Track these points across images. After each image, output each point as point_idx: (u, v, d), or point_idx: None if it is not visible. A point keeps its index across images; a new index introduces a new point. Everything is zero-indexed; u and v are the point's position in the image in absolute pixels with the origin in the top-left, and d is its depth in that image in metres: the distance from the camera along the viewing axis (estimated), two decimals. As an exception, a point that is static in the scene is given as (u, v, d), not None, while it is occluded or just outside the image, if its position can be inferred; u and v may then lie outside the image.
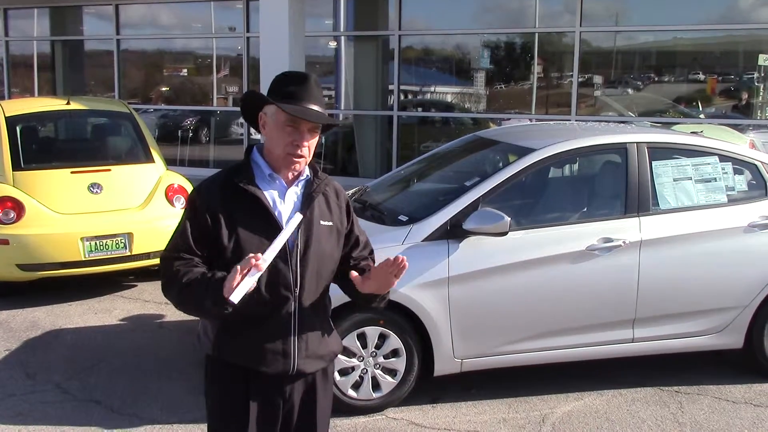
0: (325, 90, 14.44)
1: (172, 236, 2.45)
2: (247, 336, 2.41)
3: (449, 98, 13.79)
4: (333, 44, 13.95)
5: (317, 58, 14.47)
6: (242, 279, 2.19)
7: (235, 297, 2.19)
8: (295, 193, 2.47)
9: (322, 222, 2.47)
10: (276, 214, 2.41)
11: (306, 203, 2.44)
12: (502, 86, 13.28)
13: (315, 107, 2.39)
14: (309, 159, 2.46)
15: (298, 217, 2.36)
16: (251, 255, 2.20)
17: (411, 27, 12.87)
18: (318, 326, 2.51)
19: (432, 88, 13.77)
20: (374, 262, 2.65)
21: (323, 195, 2.52)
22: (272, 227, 2.37)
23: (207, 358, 2.55)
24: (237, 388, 2.47)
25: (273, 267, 2.34)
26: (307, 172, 2.50)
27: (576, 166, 5.72)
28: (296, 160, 2.41)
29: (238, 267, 2.19)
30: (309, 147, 2.42)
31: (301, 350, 2.45)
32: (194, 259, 2.38)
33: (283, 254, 2.37)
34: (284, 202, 2.44)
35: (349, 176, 12.49)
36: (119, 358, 5.31)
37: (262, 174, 2.45)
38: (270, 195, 2.43)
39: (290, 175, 2.46)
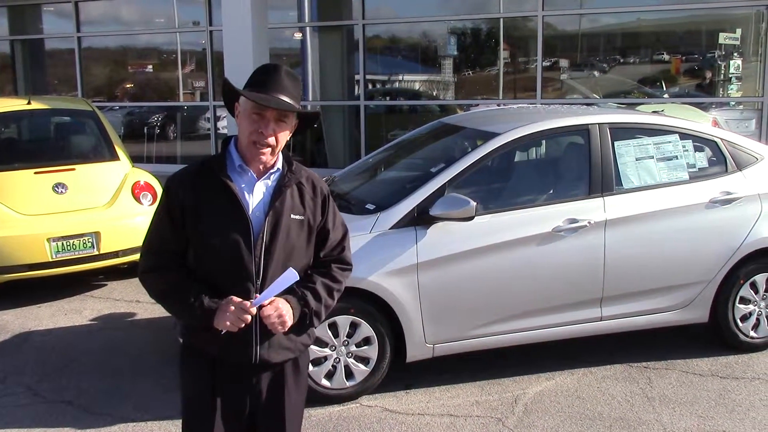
0: (293, 81, 14.35)
1: (149, 229, 2.52)
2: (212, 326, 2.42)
3: (417, 86, 13.80)
4: (298, 36, 13.87)
5: (283, 50, 14.39)
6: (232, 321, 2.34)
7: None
8: (265, 185, 2.47)
9: (292, 215, 2.47)
10: (244, 204, 2.41)
11: (275, 196, 2.44)
12: (469, 73, 13.30)
13: (282, 97, 2.39)
14: (278, 150, 2.45)
15: (293, 275, 2.38)
16: (247, 304, 2.33)
17: (376, 16, 12.85)
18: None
19: (399, 77, 13.77)
20: (347, 265, 2.65)
21: (298, 188, 2.51)
22: (240, 217, 2.40)
23: (181, 345, 2.60)
24: (206, 376, 2.49)
25: (236, 257, 2.38)
26: (279, 165, 2.49)
27: (540, 149, 5.77)
28: (261, 149, 2.40)
29: (231, 309, 2.33)
30: (277, 137, 2.41)
31: (264, 341, 2.45)
32: (172, 256, 2.45)
33: (247, 245, 2.39)
34: (253, 194, 2.45)
35: (318, 167, 12.46)
36: (90, 358, 5.27)
37: (233, 165, 2.46)
38: (239, 186, 2.43)
39: (261, 167, 2.45)
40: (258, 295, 2.39)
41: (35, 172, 6.63)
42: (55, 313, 6.27)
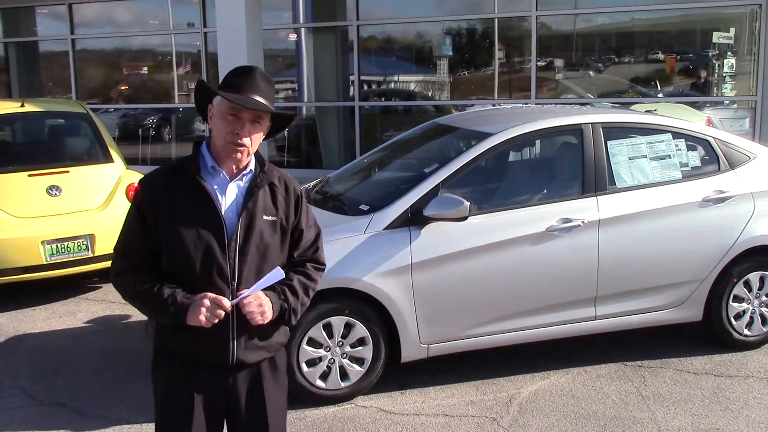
0: (288, 83, 14.39)
1: (122, 231, 2.50)
2: (186, 326, 2.40)
3: (412, 87, 13.81)
4: (293, 37, 13.88)
5: (279, 52, 14.39)
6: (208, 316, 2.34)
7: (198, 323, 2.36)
8: (237, 186, 2.47)
9: (264, 216, 2.47)
10: (218, 205, 2.42)
11: (248, 197, 2.45)
12: (465, 73, 13.31)
13: (257, 98, 2.40)
14: (252, 151, 2.45)
15: (279, 273, 2.41)
16: (222, 299, 2.33)
17: (370, 16, 12.86)
18: None
19: (394, 78, 13.78)
20: (321, 264, 2.67)
21: (270, 189, 2.51)
22: (214, 218, 2.41)
23: (153, 348, 2.58)
24: (181, 378, 2.48)
25: (210, 258, 2.39)
26: (252, 166, 2.49)
27: (534, 149, 5.78)
28: (237, 149, 2.40)
29: (206, 303, 2.32)
30: (251, 138, 2.42)
31: (240, 341, 2.46)
32: (145, 258, 2.43)
33: (221, 246, 2.40)
34: (225, 196, 2.45)
35: (314, 168, 12.48)
36: (85, 361, 5.27)
37: (205, 166, 2.46)
38: (212, 188, 2.43)
39: (233, 168, 2.46)
40: (240, 293, 2.39)
41: (29, 175, 6.61)
42: (49, 316, 6.27)
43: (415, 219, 4.50)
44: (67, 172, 6.76)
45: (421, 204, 4.51)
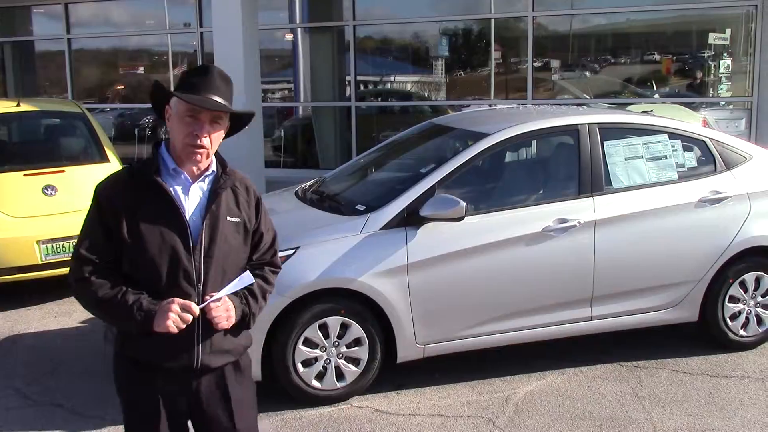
0: (284, 83, 14.37)
1: (80, 237, 2.42)
2: (150, 332, 2.36)
3: (408, 87, 13.80)
4: (289, 37, 13.86)
5: (275, 52, 14.37)
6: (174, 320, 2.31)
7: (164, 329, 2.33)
8: (200, 188, 2.45)
9: (228, 218, 2.46)
10: (181, 208, 2.39)
11: (212, 199, 2.43)
12: (461, 73, 13.31)
13: (215, 97, 2.37)
14: (212, 152, 2.43)
15: (249, 278, 2.42)
16: (191, 305, 2.32)
17: (367, 17, 12.85)
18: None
19: (391, 78, 13.77)
20: (277, 268, 2.69)
21: (232, 191, 2.50)
22: (178, 222, 2.37)
23: (114, 354, 2.54)
24: (145, 384, 2.46)
25: (175, 262, 2.36)
26: (214, 167, 2.47)
27: (530, 150, 5.78)
28: (196, 150, 2.37)
29: (174, 309, 2.29)
30: (211, 139, 2.39)
31: (205, 346, 2.44)
32: (106, 264, 2.37)
33: (186, 250, 2.37)
34: (188, 198, 2.42)
35: (310, 168, 12.47)
36: (80, 361, 5.25)
37: (166, 168, 2.42)
38: (174, 190, 2.40)
39: (195, 170, 2.43)
40: (208, 297, 2.38)
41: (24, 174, 6.60)
42: (44, 316, 6.25)
43: (411, 219, 4.49)
44: (63, 171, 6.74)
45: (417, 204, 4.50)
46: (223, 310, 2.39)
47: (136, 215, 2.35)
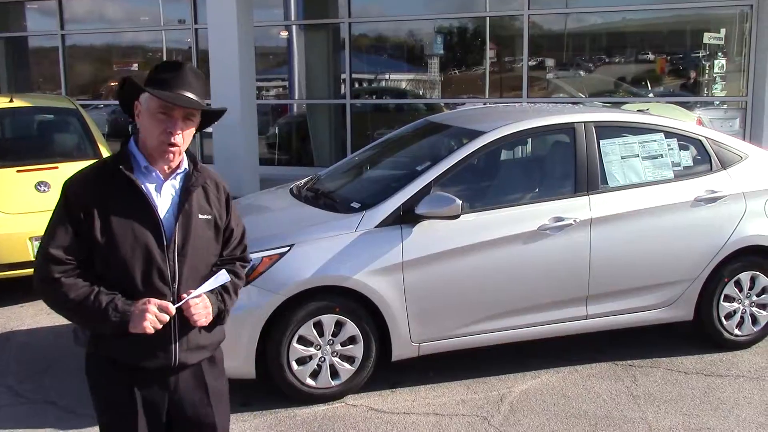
0: (279, 80, 14.34)
1: (46, 236, 2.34)
2: (126, 332, 2.34)
3: (403, 85, 13.79)
4: (284, 34, 13.83)
5: (270, 49, 14.34)
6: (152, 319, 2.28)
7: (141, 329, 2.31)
8: (172, 186, 2.42)
9: (200, 216, 2.44)
10: (154, 206, 2.36)
11: (184, 197, 2.41)
12: (456, 72, 13.31)
13: (188, 94, 2.34)
14: (184, 149, 2.40)
15: (225, 276, 2.42)
16: (168, 305, 2.30)
17: (362, 14, 12.83)
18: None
19: (387, 76, 13.75)
20: (247, 262, 2.69)
21: (202, 188, 2.48)
22: (151, 220, 2.34)
23: (88, 355, 2.50)
24: (121, 381, 2.42)
25: (149, 261, 2.33)
26: (185, 164, 2.45)
27: (526, 148, 5.77)
28: (170, 149, 2.34)
29: (152, 309, 2.26)
30: (183, 136, 2.36)
31: (182, 343, 2.43)
32: (76, 264, 2.31)
33: (161, 248, 2.35)
34: (161, 196, 2.39)
35: (304, 166, 12.44)
36: (73, 358, 5.20)
37: (138, 166, 2.39)
38: (146, 188, 2.37)
39: (167, 168, 2.40)
40: (185, 295, 2.37)
41: (17, 171, 6.55)
42: (37, 313, 6.21)
43: (406, 217, 4.48)
44: (56, 168, 6.69)
45: (413, 202, 4.49)
46: (202, 308, 2.39)
47: (107, 213, 2.30)
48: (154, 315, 2.28)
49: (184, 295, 2.37)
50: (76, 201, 2.31)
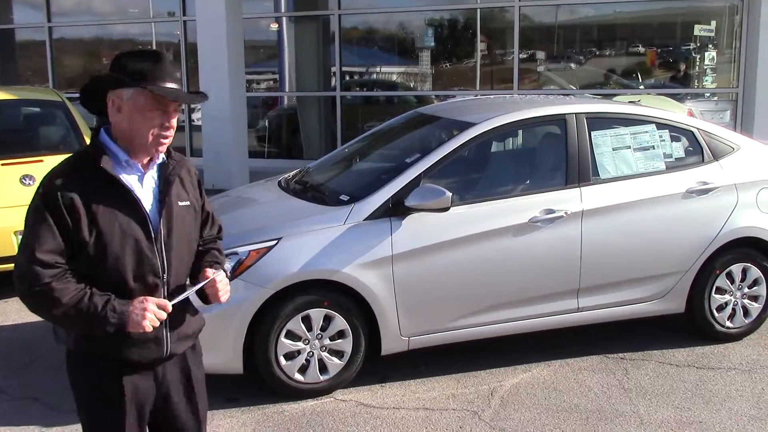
0: (269, 73, 14.26)
1: (27, 240, 2.22)
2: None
3: (394, 77, 13.73)
4: (274, 26, 13.74)
5: (261, 42, 14.26)
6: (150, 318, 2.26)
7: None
8: (152, 177, 2.38)
9: (180, 203, 2.41)
10: (139, 200, 2.31)
11: (166, 187, 2.37)
12: (447, 64, 13.26)
13: (176, 86, 2.30)
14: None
15: (211, 273, 2.42)
16: (166, 303, 2.28)
17: (352, 6, 12.74)
18: (183, 307, 2.44)
19: (377, 68, 13.69)
20: (221, 238, 2.70)
21: (179, 175, 2.44)
22: (137, 214, 2.30)
23: (72, 351, 2.42)
24: (109, 377, 2.37)
25: (140, 256, 2.30)
26: (162, 154, 2.41)
27: (517, 139, 5.72)
28: (163, 141, 2.31)
29: (150, 308, 2.23)
30: (174, 128, 2.34)
31: (173, 334, 2.41)
32: (62, 266, 2.23)
33: (149, 241, 2.31)
34: (143, 188, 2.35)
35: (294, 158, 12.37)
36: (58, 354, 5.10)
37: (117, 160, 2.31)
38: (129, 183, 2.32)
39: (146, 160, 2.36)
40: (209, 272, 2.41)
41: (2, 164, 6.45)
42: (22, 308, 6.03)
43: (396, 209, 4.42)
44: (41, 161, 6.59)
45: (402, 194, 4.43)
46: (224, 285, 2.45)
47: (93, 211, 2.23)
48: (153, 313, 2.24)
49: (209, 273, 2.40)
50: (59, 200, 2.21)
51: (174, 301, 2.32)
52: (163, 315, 2.28)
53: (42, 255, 2.19)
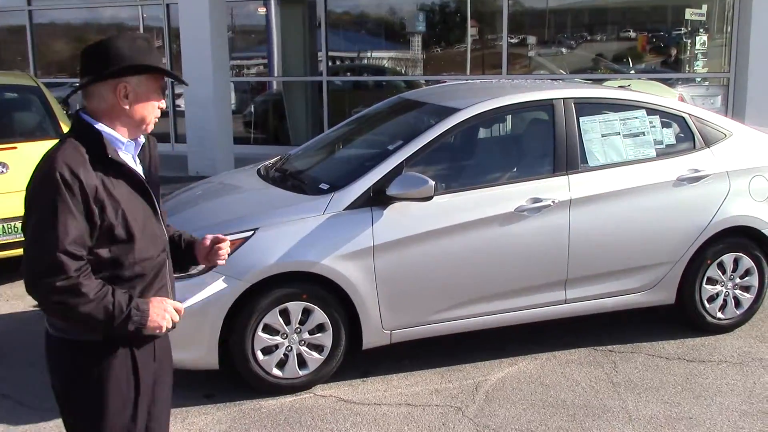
0: (260, 58, 14.06)
1: (47, 228, 2.06)
2: None
3: (384, 63, 13.56)
4: (262, 11, 13.54)
5: (251, 27, 14.06)
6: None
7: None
8: (136, 156, 2.37)
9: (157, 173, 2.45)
10: (144, 181, 2.31)
11: (154, 162, 2.41)
12: (437, 49, 13.11)
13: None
14: None
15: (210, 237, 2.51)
16: (180, 307, 2.30)
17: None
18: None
19: (366, 53, 13.51)
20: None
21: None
22: (146, 196, 2.30)
23: (74, 343, 2.25)
24: (124, 363, 2.27)
25: (156, 238, 2.32)
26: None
27: (503, 125, 5.56)
28: (154, 122, 2.34)
29: (170, 310, 2.25)
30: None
31: None
32: (84, 261, 2.11)
33: (158, 221, 2.34)
34: (137, 166, 2.34)
35: (281, 144, 12.18)
36: (31, 348, 4.97)
37: (116, 144, 2.25)
38: (131, 164, 2.31)
39: (139, 138, 2.36)
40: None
41: (-26, 151, 6.26)
42: (-5, 300, 5.97)
43: (377, 199, 4.26)
44: (15, 148, 6.40)
45: (383, 183, 4.27)
46: (226, 245, 2.52)
47: (114, 196, 2.17)
48: (171, 315, 2.26)
49: (209, 237, 2.50)
50: (79, 186, 2.08)
51: (185, 305, 2.39)
52: (177, 317, 2.28)
53: (70, 246, 2.06)
